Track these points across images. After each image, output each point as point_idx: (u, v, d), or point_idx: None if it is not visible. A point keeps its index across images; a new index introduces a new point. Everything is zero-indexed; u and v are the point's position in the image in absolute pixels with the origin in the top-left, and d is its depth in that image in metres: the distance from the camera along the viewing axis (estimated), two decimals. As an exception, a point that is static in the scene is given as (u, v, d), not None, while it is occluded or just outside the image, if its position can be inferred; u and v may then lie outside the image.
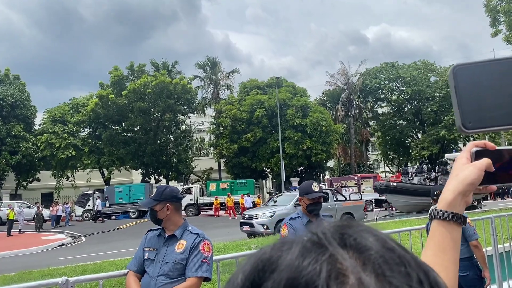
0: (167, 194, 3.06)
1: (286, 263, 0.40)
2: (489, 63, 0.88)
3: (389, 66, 46.03)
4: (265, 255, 0.43)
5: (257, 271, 0.42)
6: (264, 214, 16.60)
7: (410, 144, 47.11)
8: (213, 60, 49.93)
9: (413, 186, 23.95)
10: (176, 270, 2.91)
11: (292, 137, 38.16)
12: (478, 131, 0.88)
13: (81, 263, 10.69)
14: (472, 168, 0.91)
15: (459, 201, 0.92)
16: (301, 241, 0.43)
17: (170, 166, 41.56)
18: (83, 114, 41.61)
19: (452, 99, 0.89)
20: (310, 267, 0.39)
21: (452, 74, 0.90)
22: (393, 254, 0.42)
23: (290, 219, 3.85)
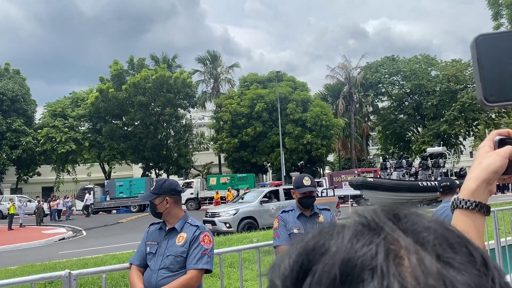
0: (166, 187, 3.05)
1: (339, 245, 0.39)
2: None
3: (389, 60, 45.91)
4: (313, 239, 0.42)
5: (306, 254, 0.40)
6: (227, 212, 15.93)
7: (411, 138, 47.10)
8: (214, 54, 49.79)
9: (391, 181, 22.96)
10: (177, 263, 2.91)
11: (292, 131, 38.12)
12: (501, 105, 0.84)
13: (83, 256, 10.71)
14: (495, 155, 0.89)
15: (483, 189, 0.89)
16: (352, 224, 0.42)
17: (171, 161, 41.57)
18: (83, 108, 41.56)
19: (474, 71, 0.85)
20: (365, 249, 0.38)
21: (474, 44, 0.85)
22: (453, 234, 0.40)
23: (283, 212, 3.81)
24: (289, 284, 0.39)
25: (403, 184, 22.39)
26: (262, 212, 16.17)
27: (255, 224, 15.95)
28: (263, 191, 17.50)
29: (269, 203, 16.48)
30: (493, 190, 0.91)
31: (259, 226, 15.83)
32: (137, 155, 40.44)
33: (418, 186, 22.39)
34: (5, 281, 3.31)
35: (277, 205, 16.07)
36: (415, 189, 22.07)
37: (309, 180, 3.67)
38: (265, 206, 16.27)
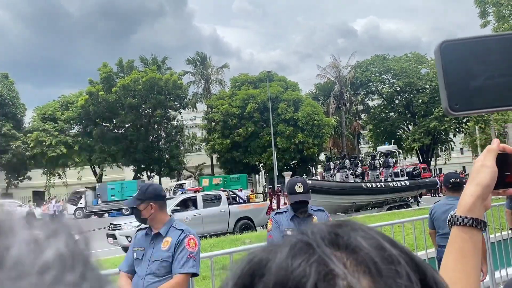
0: (150, 192, 3.04)
1: (275, 266, 0.39)
2: (479, 40, 0.81)
3: (380, 59, 46.17)
4: (255, 259, 0.41)
5: (248, 276, 0.40)
6: (130, 224, 13.63)
7: (401, 136, 47.39)
8: (203, 55, 49.77)
9: (330, 184, 21.07)
10: (163, 268, 2.90)
11: (284, 131, 38.18)
12: (466, 114, 0.82)
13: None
14: (484, 169, 0.89)
15: (479, 205, 0.90)
16: (291, 242, 0.41)
17: (162, 162, 41.41)
18: (73, 111, 41.26)
19: (438, 78, 0.83)
20: (300, 270, 0.38)
21: (439, 51, 0.82)
22: (384, 253, 0.40)
23: (277, 213, 3.80)
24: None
25: (344, 186, 20.38)
26: None
27: None
28: (177, 199, 15.51)
29: (183, 212, 14.30)
30: (488, 205, 0.93)
31: None
32: (128, 157, 40.21)
33: (361, 188, 20.34)
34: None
35: (193, 215, 14.16)
36: (358, 191, 20.09)
37: (301, 187, 3.56)
38: (177, 216, 14.21)
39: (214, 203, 15.05)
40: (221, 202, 15.17)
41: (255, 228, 15.14)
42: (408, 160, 49.12)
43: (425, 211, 13.38)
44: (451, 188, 4.55)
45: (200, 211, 14.57)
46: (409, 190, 22.13)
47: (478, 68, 0.80)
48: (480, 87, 0.79)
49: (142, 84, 38.42)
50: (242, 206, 16.07)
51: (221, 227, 14.62)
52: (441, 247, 4.55)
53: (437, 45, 0.82)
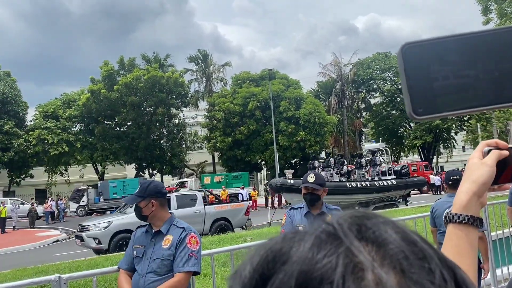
0: (151, 190, 3.02)
1: (299, 255, 0.38)
2: (441, 41, 0.78)
3: (381, 57, 46.09)
4: (275, 246, 0.40)
5: (267, 262, 0.39)
6: (97, 225, 13.31)
7: (403, 134, 47.33)
8: (204, 53, 49.72)
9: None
10: (164, 266, 2.88)
11: (285, 129, 38.16)
12: (430, 118, 0.80)
13: (76, 259, 10.66)
14: (483, 166, 0.89)
15: (474, 202, 0.90)
16: (316, 232, 0.40)
17: (164, 160, 41.44)
18: (75, 109, 41.30)
19: (401, 83, 0.80)
20: (325, 260, 0.36)
21: (400, 53, 0.79)
22: (415, 248, 0.39)
23: (291, 208, 3.83)
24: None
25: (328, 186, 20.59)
26: None
27: None
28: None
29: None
30: (484, 202, 0.92)
31: None
32: (130, 155, 40.26)
33: (345, 187, 19.94)
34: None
35: None
36: (342, 191, 19.62)
37: (313, 177, 3.65)
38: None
39: (189, 203, 14.43)
40: (196, 202, 14.52)
41: (232, 230, 14.53)
42: (409, 158, 49.15)
43: (426, 208, 13.36)
44: (452, 185, 4.55)
45: (174, 212, 14.10)
46: (396, 190, 21.72)
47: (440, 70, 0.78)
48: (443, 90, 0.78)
49: (144, 82, 38.43)
50: (219, 206, 15.50)
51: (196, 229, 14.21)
52: (441, 245, 4.54)
53: (399, 47, 0.80)
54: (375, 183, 20.87)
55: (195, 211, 14.20)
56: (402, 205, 21.33)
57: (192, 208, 14.22)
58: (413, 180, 23.50)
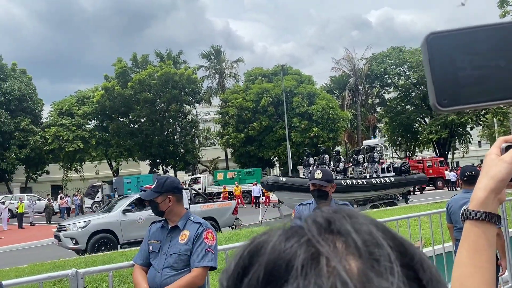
0: (168, 185, 3.03)
1: (270, 247, 0.42)
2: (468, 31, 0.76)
3: (396, 51, 45.59)
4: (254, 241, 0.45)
5: (248, 257, 0.43)
6: (75, 225, 12.89)
7: (418, 129, 46.82)
8: (217, 49, 49.75)
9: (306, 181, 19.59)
10: (181, 262, 2.90)
11: (298, 125, 38.05)
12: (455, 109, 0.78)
13: (92, 254, 10.80)
14: (501, 163, 0.87)
15: (492, 199, 0.88)
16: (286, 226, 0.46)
17: (178, 157, 41.69)
18: (90, 106, 41.77)
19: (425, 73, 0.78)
20: (289, 250, 0.41)
21: (425, 44, 0.78)
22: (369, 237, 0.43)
23: (300, 204, 3.88)
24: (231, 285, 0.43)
25: None
26: (125, 224, 12.95)
27: (113, 240, 12.85)
28: (130, 198, 14.29)
29: (136, 213, 13.34)
30: (502, 199, 0.89)
31: (120, 241, 12.85)
32: (144, 151, 40.59)
33: (340, 185, 19.01)
34: (14, 281, 3.34)
35: (147, 215, 12.76)
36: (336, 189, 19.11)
37: (320, 174, 3.68)
38: (129, 217, 13.15)
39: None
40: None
41: (219, 229, 13.87)
42: (424, 154, 48.62)
43: (441, 204, 13.20)
44: (467, 181, 4.50)
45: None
46: (395, 187, 20.99)
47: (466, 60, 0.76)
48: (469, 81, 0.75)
49: (157, 78, 38.65)
50: (205, 205, 14.87)
51: None
52: (458, 241, 4.48)
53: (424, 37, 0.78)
54: (371, 180, 20.09)
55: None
56: (402, 203, 20.51)
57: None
58: (412, 177, 22.64)
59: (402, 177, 21.91)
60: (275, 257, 0.41)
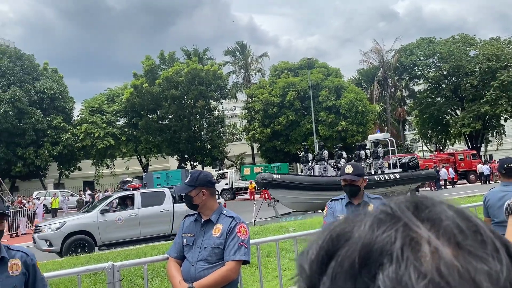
0: (202, 179, 3.06)
1: (360, 232, 0.42)
2: None
3: (425, 42, 44.48)
4: (338, 227, 0.45)
5: (331, 241, 0.43)
6: (49, 226, 12.23)
7: (449, 121, 45.64)
8: (242, 44, 49.78)
9: (303, 178, 18.75)
10: (215, 255, 2.93)
11: (326, 119, 37.70)
12: None
13: (124, 247, 11.04)
14: None
15: None
16: (375, 213, 0.45)
17: (205, 152, 42.09)
18: (119, 104, 42.63)
19: None
20: (385, 235, 0.40)
21: None
22: (469, 223, 0.42)
23: (332, 200, 3.87)
24: (314, 268, 0.43)
25: (319, 181, 17.89)
26: (103, 225, 12.22)
27: (90, 241, 12.11)
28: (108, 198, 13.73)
29: (115, 213, 12.81)
30: None
31: (98, 243, 12.20)
32: (173, 147, 41.17)
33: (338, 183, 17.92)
34: (54, 273, 3.44)
35: (127, 215, 12.57)
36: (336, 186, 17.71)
37: (351, 168, 3.67)
38: (108, 217, 12.47)
39: (156, 201, 13.19)
40: (164, 200, 13.23)
41: None
42: (456, 147, 47.39)
43: (475, 198, 12.84)
44: (506, 174, 4.30)
45: (137, 210, 12.76)
46: (400, 184, 19.84)
47: None
48: None
49: (184, 75, 39.05)
50: None
51: (163, 229, 12.90)
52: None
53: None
54: (374, 177, 18.73)
55: (162, 209, 13.02)
56: None
57: (159, 206, 13.04)
58: (420, 173, 21.43)
59: (409, 173, 20.85)
60: (369, 241, 0.41)
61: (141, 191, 13.37)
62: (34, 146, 40.13)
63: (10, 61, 40.25)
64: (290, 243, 6.47)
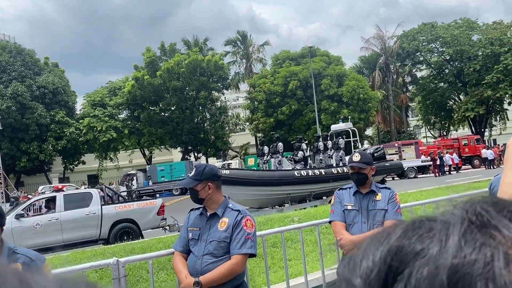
0: (208, 173, 3.03)
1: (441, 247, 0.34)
2: None
3: (427, 27, 44.08)
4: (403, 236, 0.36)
5: (395, 254, 0.35)
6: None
7: (452, 107, 45.40)
8: (243, 34, 49.46)
9: (253, 173, 17.25)
10: (221, 249, 2.91)
11: (328, 107, 37.58)
12: None
13: (130, 241, 11.07)
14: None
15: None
16: (458, 220, 0.36)
17: (208, 143, 42.09)
18: (121, 96, 42.58)
19: None
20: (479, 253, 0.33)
21: None
22: None
23: (340, 189, 3.83)
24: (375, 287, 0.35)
25: (272, 176, 16.46)
26: (18, 231, 11.00)
27: None
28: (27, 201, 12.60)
29: (33, 218, 11.80)
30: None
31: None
32: (176, 139, 41.18)
33: (293, 177, 16.44)
34: (58, 270, 3.43)
35: (47, 219, 11.48)
36: (290, 181, 16.21)
37: (358, 156, 3.65)
38: (24, 222, 11.38)
39: (81, 204, 12.10)
40: (91, 202, 12.09)
41: (140, 233, 12.26)
42: (460, 132, 47.19)
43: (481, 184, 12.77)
44: None
45: (59, 214, 11.59)
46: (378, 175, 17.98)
47: None
48: None
49: (185, 66, 38.90)
50: (122, 206, 12.63)
51: (89, 233, 11.81)
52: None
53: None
54: (332, 170, 17.36)
55: (88, 212, 11.85)
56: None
57: (85, 209, 11.91)
58: (384, 165, 20.02)
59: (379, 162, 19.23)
60: (457, 260, 0.32)
61: (64, 193, 12.33)
62: (38, 141, 40.22)
63: (10, 56, 40.16)
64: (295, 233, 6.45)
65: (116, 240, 11.59)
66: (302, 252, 4.40)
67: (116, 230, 12.03)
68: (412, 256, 0.34)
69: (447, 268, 0.32)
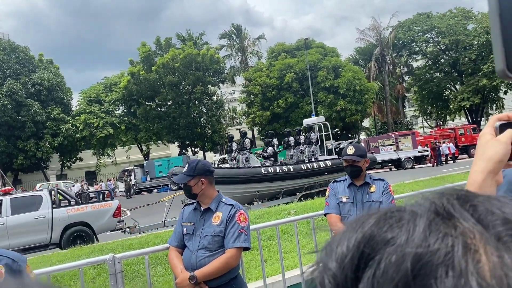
0: (200, 168, 3.07)
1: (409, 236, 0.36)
2: None
3: (422, 17, 44.03)
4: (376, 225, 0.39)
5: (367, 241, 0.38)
6: None
7: (448, 97, 45.49)
8: (238, 27, 49.28)
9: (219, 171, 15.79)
10: (215, 243, 2.96)
11: (324, 99, 37.57)
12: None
13: (128, 236, 11.12)
14: (497, 143, 0.83)
15: (490, 181, 0.84)
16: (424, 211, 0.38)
17: (205, 138, 42.08)
18: (117, 92, 42.43)
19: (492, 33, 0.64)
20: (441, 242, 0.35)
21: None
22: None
23: (334, 181, 3.87)
24: (348, 272, 0.38)
25: (237, 173, 15.74)
26: None
27: None
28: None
29: None
30: (499, 180, 0.85)
31: None
32: (173, 134, 41.15)
33: (259, 174, 15.81)
34: (56, 267, 3.47)
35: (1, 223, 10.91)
36: (256, 178, 15.66)
37: (352, 149, 3.67)
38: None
39: (30, 208, 11.46)
40: (40, 206, 11.46)
41: (95, 236, 11.84)
42: (456, 122, 47.33)
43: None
44: None
45: (5, 219, 10.99)
46: (333, 172, 17.01)
47: None
48: None
49: (180, 61, 38.77)
50: (74, 209, 11.95)
51: (39, 238, 11.26)
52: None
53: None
54: (301, 166, 16.75)
55: (38, 216, 11.27)
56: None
57: (34, 213, 11.31)
58: None
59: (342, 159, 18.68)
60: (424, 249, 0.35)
61: (11, 197, 11.61)
62: (34, 138, 40.11)
63: (4, 53, 39.91)
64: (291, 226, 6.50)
65: (69, 245, 11.14)
66: (297, 244, 4.44)
67: (68, 234, 11.57)
68: (382, 244, 0.37)
69: (411, 256, 0.35)
